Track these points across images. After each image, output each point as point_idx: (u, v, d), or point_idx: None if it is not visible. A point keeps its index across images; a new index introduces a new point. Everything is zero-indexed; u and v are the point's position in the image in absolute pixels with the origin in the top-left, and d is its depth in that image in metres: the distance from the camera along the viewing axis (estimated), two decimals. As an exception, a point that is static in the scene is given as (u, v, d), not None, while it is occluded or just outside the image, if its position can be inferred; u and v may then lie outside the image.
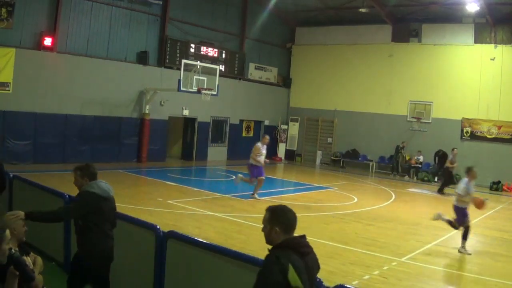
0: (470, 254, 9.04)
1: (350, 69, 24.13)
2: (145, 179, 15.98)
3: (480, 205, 9.42)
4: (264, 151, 13.28)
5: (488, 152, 19.87)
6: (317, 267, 3.22)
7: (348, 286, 3.96)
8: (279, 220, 3.08)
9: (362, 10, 21.18)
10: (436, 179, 20.54)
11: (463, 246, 9.15)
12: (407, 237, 10.35)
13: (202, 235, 8.31)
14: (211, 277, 4.59)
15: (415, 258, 8.63)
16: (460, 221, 9.28)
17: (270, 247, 3.09)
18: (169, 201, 12.05)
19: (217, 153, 22.54)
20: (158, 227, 5.12)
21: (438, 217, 9.81)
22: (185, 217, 10.81)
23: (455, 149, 17.84)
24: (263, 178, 13.35)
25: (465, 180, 9.38)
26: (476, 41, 21.18)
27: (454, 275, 8.24)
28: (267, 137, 13.84)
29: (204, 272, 4.65)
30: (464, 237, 9.18)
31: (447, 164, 17.69)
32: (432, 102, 21.85)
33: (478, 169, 18.61)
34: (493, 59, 20.68)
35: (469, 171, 9.53)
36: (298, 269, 2.89)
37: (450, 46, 21.62)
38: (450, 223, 9.56)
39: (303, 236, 3.14)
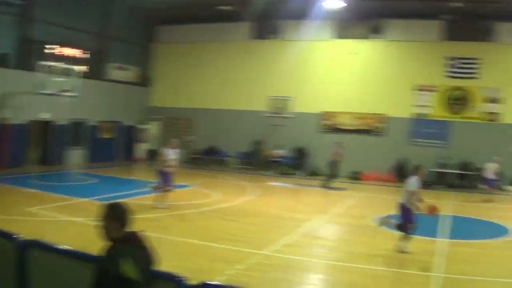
0: (409, 252, 8.63)
1: (212, 67, 23.83)
2: (1, 186, 14.09)
3: (433, 210, 9.27)
4: (173, 156, 12.19)
5: (348, 144, 20.37)
6: (153, 260, 3.29)
7: (212, 283, 3.60)
8: (118, 216, 3.23)
9: (223, 7, 21.05)
10: (297, 172, 21.23)
11: (403, 246, 8.72)
12: (270, 230, 10.26)
13: (65, 242, 7.23)
14: (76, 285, 4.13)
15: (279, 250, 8.50)
16: (407, 220, 8.83)
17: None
18: (28, 209, 10.67)
19: (76, 156, 20.73)
20: (16, 236, 4.49)
21: (386, 222, 9.37)
22: (45, 224, 9.64)
23: (339, 143, 18.13)
24: (171, 188, 12.20)
25: (415, 178, 9.03)
26: (336, 37, 22.01)
27: (320, 264, 8.24)
28: (175, 141, 12.74)
29: (69, 280, 4.25)
30: (406, 236, 8.72)
31: (333, 158, 17.89)
32: (292, 97, 22.47)
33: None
34: (354, 54, 21.60)
35: (418, 169, 9.30)
36: (139, 262, 3.06)
37: (310, 42, 22.04)
38: (399, 226, 8.96)
39: (138, 231, 3.26)
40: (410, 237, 8.72)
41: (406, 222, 8.77)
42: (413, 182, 8.93)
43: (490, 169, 16.90)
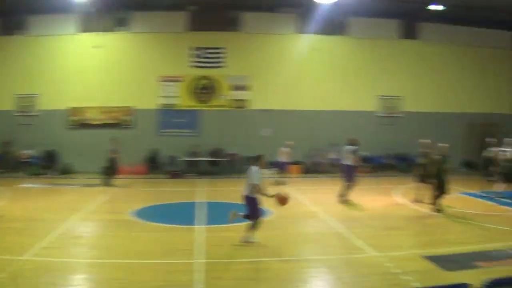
0: (254, 241, 9.13)
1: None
2: None
3: (283, 200, 9.39)
4: None
5: (97, 138, 20.72)
6: None
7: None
8: None
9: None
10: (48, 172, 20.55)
11: (249, 236, 9.15)
12: (28, 234, 10.02)
13: None
14: None
15: (40, 253, 8.50)
16: (254, 211, 9.11)
17: None
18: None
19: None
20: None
21: (234, 217, 9.37)
22: None
23: (114, 139, 17.83)
24: None
25: (255, 168, 9.13)
26: (81, 30, 21.77)
27: (83, 263, 8.30)
28: None
29: None
30: (253, 226, 9.12)
31: (110, 155, 17.52)
32: (37, 94, 21.50)
33: (90, 157, 19.24)
34: (98, 47, 21.61)
35: (259, 159, 9.30)
36: None
37: (55, 37, 21.64)
38: (246, 217, 9.22)
39: None
40: (257, 227, 9.14)
41: (252, 212, 9.10)
42: (254, 172, 9.06)
43: (283, 154, 18.25)
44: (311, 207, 13.70)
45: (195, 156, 21.73)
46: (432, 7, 21.15)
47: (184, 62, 22.23)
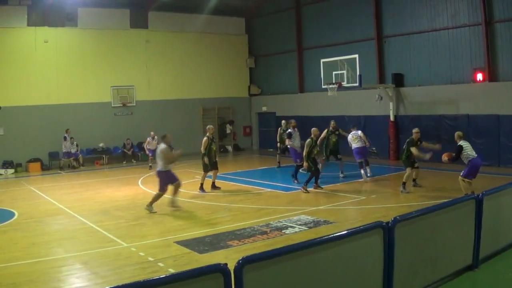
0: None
1: None
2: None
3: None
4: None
5: None
6: None
7: None
8: None
9: None
10: None
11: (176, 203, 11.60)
12: None
13: None
14: None
15: None
16: (166, 183, 11.51)
17: None
18: None
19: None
20: None
21: (151, 209, 11.52)
22: None
23: None
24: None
25: (163, 145, 11.47)
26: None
27: None
28: None
29: None
30: (175, 193, 11.64)
31: None
32: None
33: None
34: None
35: (164, 137, 11.71)
36: None
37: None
38: (158, 196, 11.51)
39: None
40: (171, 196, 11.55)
41: (163, 184, 11.48)
42: (162, 149, 11.35)
43: None
44: (55, 205, 13.15)
45: None
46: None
47: None
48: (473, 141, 17.40)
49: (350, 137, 15.78)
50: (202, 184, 14.19)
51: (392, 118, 20.13)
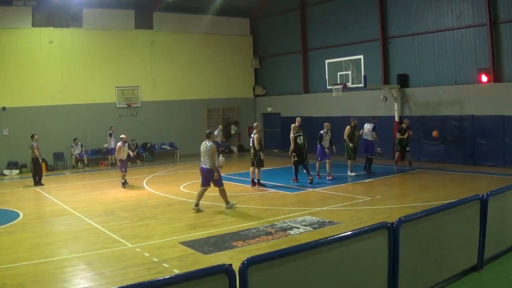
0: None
1: None
2: None
3: None
4: None
5: None
6: None
7: None
8: None
9: None
10: None
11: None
12: None
13: None
14: None
15: None
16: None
17: None
18: None
19: None
20: None
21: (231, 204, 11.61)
22: None
23: None
24: None
25: (210, 143, 11.35)
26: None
27: None
28: None
29: None
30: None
31: None
32: None
33: None
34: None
35: (210, 134, 11.66)
36: None
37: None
38: (222, 192, 11.67)
39: None
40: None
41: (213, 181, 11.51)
42: (210, 145, 11.25)
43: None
44: (60, 205, 13.16)
45: None
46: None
47: None
48: (478, 142, 17.36)
49: (366, 127, 16.68)
50: (259, 180, 14.67)
51: (397, 119, 20.08)
